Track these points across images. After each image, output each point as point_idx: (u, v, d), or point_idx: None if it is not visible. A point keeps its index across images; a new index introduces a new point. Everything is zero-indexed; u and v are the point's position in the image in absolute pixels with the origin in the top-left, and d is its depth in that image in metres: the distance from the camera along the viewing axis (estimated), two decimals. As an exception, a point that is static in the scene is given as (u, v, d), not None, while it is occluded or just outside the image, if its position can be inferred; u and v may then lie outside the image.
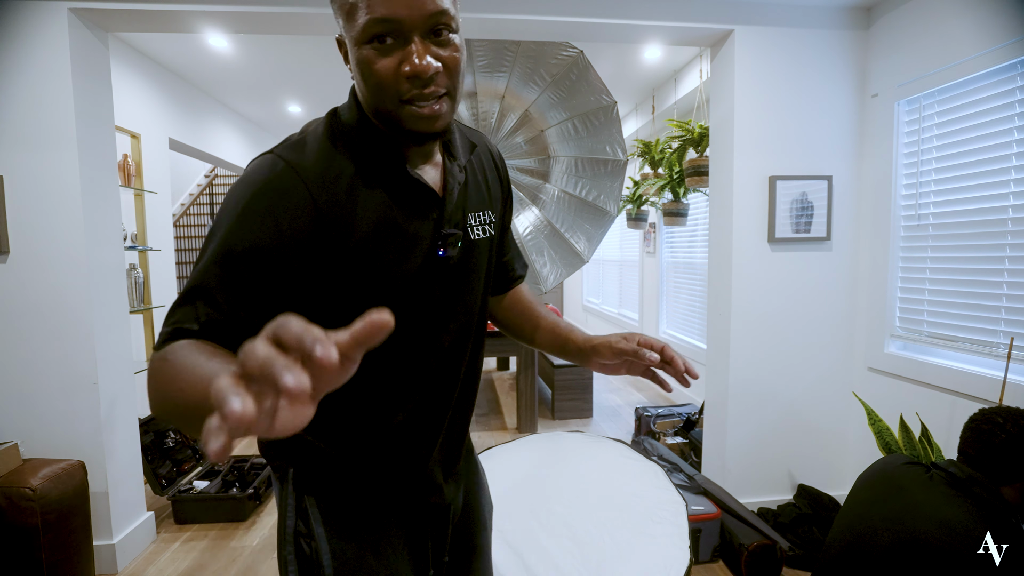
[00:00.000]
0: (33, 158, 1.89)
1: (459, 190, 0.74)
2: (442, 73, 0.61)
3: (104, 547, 2.05)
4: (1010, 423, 1.16)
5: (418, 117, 0.62)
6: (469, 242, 0.76)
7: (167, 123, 3.48)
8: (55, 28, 1.87)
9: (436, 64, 0.60)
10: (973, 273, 1.88)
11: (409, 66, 0.59)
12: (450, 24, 0.61)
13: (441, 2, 0.59)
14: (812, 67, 2.24)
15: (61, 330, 1.94)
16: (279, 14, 1.99)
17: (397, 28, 0.58)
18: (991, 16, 1.75)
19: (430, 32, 0.60)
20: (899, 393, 2.13)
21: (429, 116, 0.62)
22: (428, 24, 0.59)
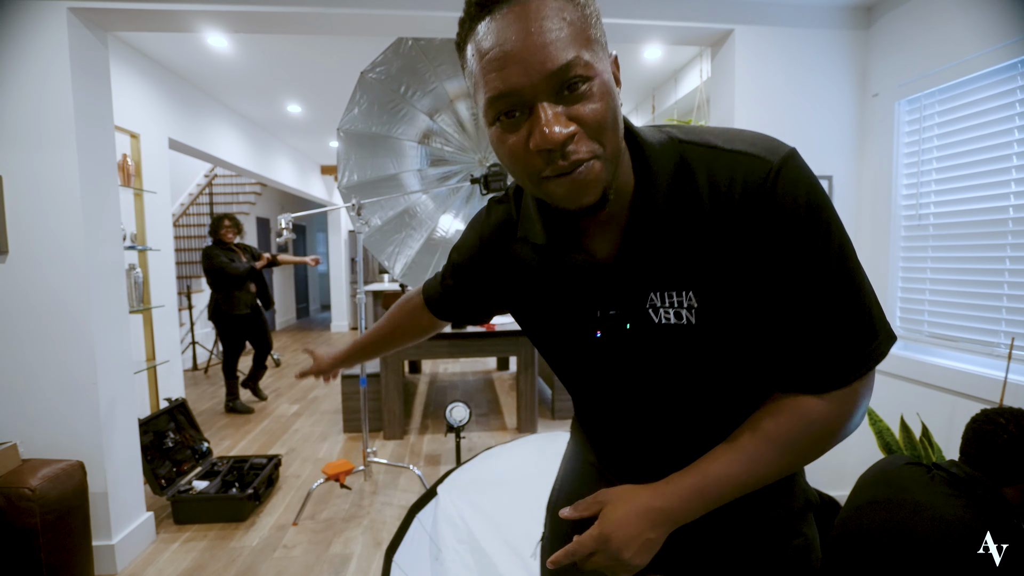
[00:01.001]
0: (32, 158, 1.89)
1: (640, 260, 0.61)
2: (581, 134, 0.51)
3: (103, 547, 2.04)
4: (1012, 424, 1.15)
5: (560, 193, 0.54)
6: (650, 327, 0.62)
7: (167, 123, 3.48)
8: (54, 27, 1.87)
9: (568, 129, 0.50)
10: (974, 273, 1.88)
11: (537, 137, 0.50)
12: (585, 73, 0.50)
13: (564, 52, 0.49)
14: (812, 67, 2.24)
15: (60, 330, 1.94)
16: (279, 14, 1.98)
17: (519, 100, 0.51)
18: (991, 16, 1.75)
19: (560, 91, 0.50)
20: (900, 393, 2.13)
21: (572, 190, 0.53)
22: (553, 85, 0.50)
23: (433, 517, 1.76)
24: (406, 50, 2.30)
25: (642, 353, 0.64)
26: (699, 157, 0.58)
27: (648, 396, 0.68)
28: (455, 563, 1.60)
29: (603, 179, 0.54)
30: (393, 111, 2.48)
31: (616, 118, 0.53)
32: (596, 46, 0.52)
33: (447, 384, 5.03)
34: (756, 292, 0.58)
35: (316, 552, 2.22)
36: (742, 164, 0.56)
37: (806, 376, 0.58)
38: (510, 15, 0.49)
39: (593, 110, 0.51)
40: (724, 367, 0.62)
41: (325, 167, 7.80)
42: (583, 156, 0.51)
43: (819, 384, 0.58)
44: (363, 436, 2.73)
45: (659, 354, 0.63)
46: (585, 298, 0.66)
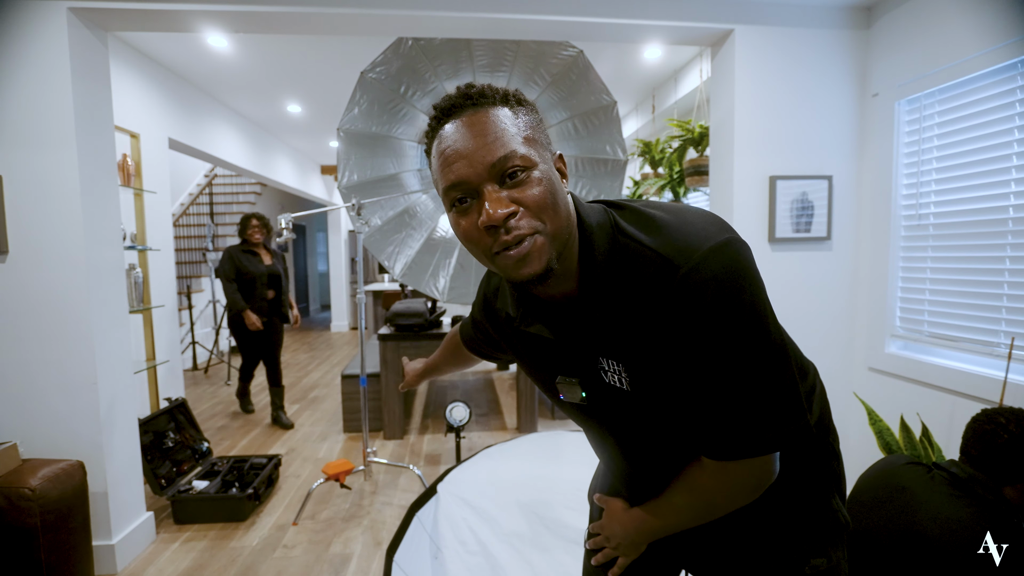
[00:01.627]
0: (32, 158, 1.89)
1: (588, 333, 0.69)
2: (523, 212, 0.60)
3: (103, 547, 2.04)
4: (1013, 424, 1.15)
5: (507, 265, 0.62)
6: (602, 386, 0.71)
7: (167, 123, 3.48)
8: (54, 27, 1.87)
9: (507, 209, 0.59)
10: (974, 273, 1.88)
11: (483, 217, 0.59)
12: (523, 164, 0.60)
13: (502, 148, 0.59)
14: (812, 67, 2.24)
15: (60, 330, 1.94)
16: (279, 14, 1.98)
17: (468, 188, 0.60)
18: (991, 16, 1.75)
19: (502, 179, 0.60)
20: (899, 393, 2.13)
21: (517, 260, 0.60)
22: (494, 174, 0.59)
23: (433, 517, 1.76)
24: (406, 50, 2.30)
25: (599, 407, 0.74)
26: (629, 251, 0.64)
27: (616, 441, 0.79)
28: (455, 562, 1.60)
29: (546, 253, 0.61)
30: (393, 111, 2.48)
31: (556, 202, 0.61)
32: (535, 145, 0.62)
33: (447, 384, 5.03)
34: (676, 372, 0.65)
35: (316, 552, 2.22)
36: (655, 265, 0.62)
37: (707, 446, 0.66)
38: (462, 122, 0.61)
39: (532, 194, 0.60)
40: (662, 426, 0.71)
41: (325, 167, 7.80)
42: (524, 231, 0.60)
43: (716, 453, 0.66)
44: (363, 436, 2.73)
45: (611, 409, 0.73)
46: (547, 365, 0.77)
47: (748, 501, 0.69)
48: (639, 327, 0.64)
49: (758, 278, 0.61)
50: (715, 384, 0.62)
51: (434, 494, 1.84)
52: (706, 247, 0.59)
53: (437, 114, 0.63)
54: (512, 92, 0.64)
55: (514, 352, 0.86)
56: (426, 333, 3.57)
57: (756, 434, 0.62)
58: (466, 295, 2.73)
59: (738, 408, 0.62)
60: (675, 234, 0.62)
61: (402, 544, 1.65)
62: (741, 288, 0.59)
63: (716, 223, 0.63)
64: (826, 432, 0.81)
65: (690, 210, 0.66)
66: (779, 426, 0.62)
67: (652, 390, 0.67)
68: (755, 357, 0.60)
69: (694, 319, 0.60)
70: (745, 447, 0.63)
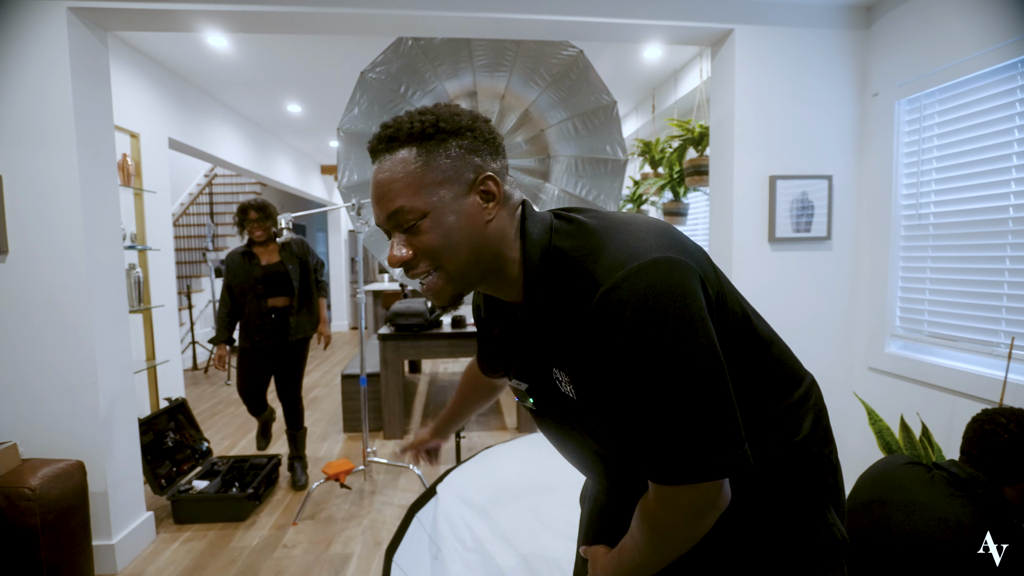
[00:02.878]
0: (32, 157, 1.89)
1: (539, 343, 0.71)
2: (420, 256, 0.66)
3: (103, 547, 2.04)
4: (1013, 423, 1.15)
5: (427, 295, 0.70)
6: (556, 394, 0.72)
7: (167, 123, 3.48)
8: (54, 27, 1.87)
9: (402, 254, 0.66)
10: (974, 273, 1.87)
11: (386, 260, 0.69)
12: (411, 216, 0.64)
13: (390, 203, 0.65)
14: (812, 66, 2.24)
15: (60, 330, 1.94)
16: (279, 14, 1.98)
17: (384, 229, 0.69)
18: (991, 15, 1.75)
19: (401, 227, 0.66)
20: (899, 393, 2.13)
21: (427, 293, 0.69)
22: (392, 224, 0.66)
23: (433, 517, 1.76)
24: (406, 50, 2.30)
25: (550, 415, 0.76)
26: (563, 266, 0.65)
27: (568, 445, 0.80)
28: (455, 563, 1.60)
29: (447, 290, 0.68)
30: (393, 111, 2.48)
31: (451, 244, 0.65)
32: (427, 191, 0.64)
33: (447, 384, 5.03)
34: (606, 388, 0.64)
35: (316, 552, 2.22)
36: (580, 282, 0.62)
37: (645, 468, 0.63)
38: (375, 169, 0.67)
39: (422, 241, 0.65)
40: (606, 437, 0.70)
41: (325, 167, 7.80)
42: (420, 273, 0.67)
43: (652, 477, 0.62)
44: (363, 436, 2.73)
45: (561, 418, 0.75)
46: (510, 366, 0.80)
47: (700, 532, 0.64)
48: (572, 341, 0.64)
49: (688, 298, 0.58)
50: (642, 407, 0.59)
51: (434, 494, 1.84)
52: (631, 265, 0.57)
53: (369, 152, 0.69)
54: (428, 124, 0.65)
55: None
56: (426, 333, 3.57)
57: (688, 460, 0.58)
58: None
59: (670, 432, 0.58)
60: (606, 251, 0.61)
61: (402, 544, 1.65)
62: (664, 308, 0.56)
63: (656, 240, 0.60)
64: (823, 444, 0.76)
65: (635, 223, 0.64)
66: (714, 453, 0.58)
67: (593, 402, 0.66)
68: (681, 380, 0.57)
69: (612, 339, 0.58)
70: (680, 472, 0.59)
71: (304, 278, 2.84)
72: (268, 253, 2.80)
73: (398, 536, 1.67)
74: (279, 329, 2.76)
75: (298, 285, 2.79)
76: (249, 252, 2.78)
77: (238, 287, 2.73)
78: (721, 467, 0.59)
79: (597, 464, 0.78)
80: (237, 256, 2.78)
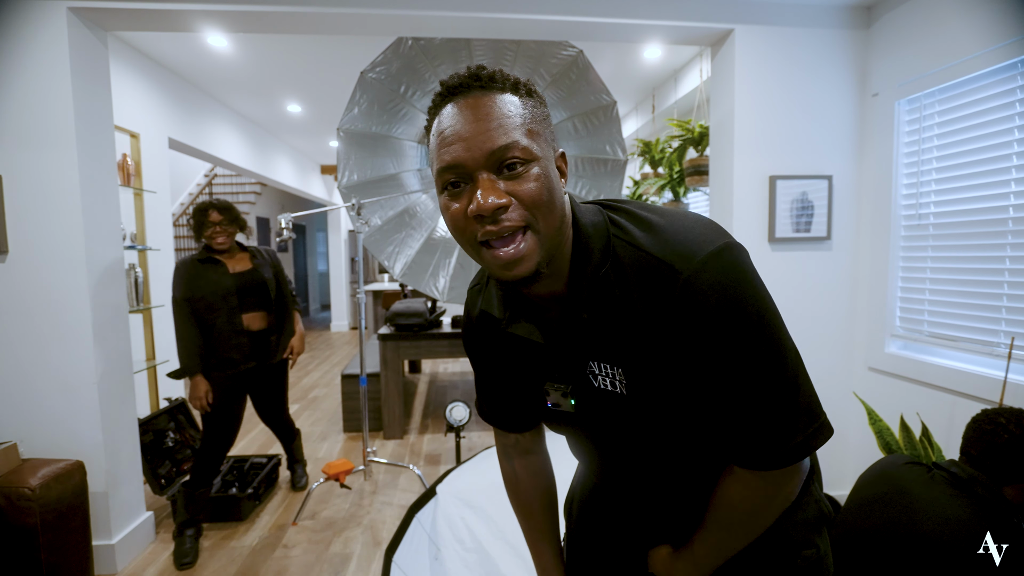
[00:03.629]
0: (32, 157, 1.89)
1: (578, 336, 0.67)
2: (515, 206, 0.57)
3: (103, 547, 2.04)
4: (1013, 424, 1.15)
5: (497, 264, 0.59)
6: (591, 390, 0.69)
7: (166, 122, 3.48)
8: (54, 27, 1.87)
9: (501, 200, 0.56)
10: (974, 273, 1.87)
11: (473, 205, 0.57)
12: (522, 156, 0.57)
13: (504, 136, 0.57)
14: (812, 66, 2.24)
15: (60, 330, 1.94)
16: (279, 14, 1.98)
17: (463, 172, 0.58)
18: (991, 15, 1.75)
19: (500, 168, 0.58)
20: (899, 393, 2.13)
21: (507, 261, 0.58)
22: (492, 162, 0.57)
23: (432, 517, 1.76)
24: (406, 50, 2.30)
25: (588, 414, 0.71)
26: (623, 251, 0.63)
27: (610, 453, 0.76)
28: (455, 563, 1.60)
29: (536, 253, 0.59)
30: (393, 111, 2.48)
31: (551, 200, 0.59)
32: (538, 139, 0.59)
33: (447, 384, 5.03)
34: (682, 378, 0.62)
35: (316, 552, 2.22)
36: (653, 270, 0.60)
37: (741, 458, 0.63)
38: (466, 103, 0.58)
39: (527, 188, 0.57)
40: (659, 431, 0.68)
41: (325, 167, 7.80)
42: (515, 223, 0.58)
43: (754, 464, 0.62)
44: (363, 436, 2.73)
45: (601, 415, 0.70)
46: (535, 370, 0.74)
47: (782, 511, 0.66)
48: (637, 330, 0.62)
49: (759, 280, 0.60)
50: (739, 392, 0.59)
51: (434, 495, 1.84)
52: (705, 252, 0.58)
53: (443, 91, 0.60)
54: (524, 81, 0.62)
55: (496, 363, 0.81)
56: (426, 333, 3.57)
57: (793, 439, 0.60)
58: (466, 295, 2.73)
59: (767, 416, 0.59)
60: (673, 238, 0.61)
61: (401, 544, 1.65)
62: (744, 292, 0.58)
63: (712, 227, 0.62)
64: None
65: (684, 214, 0.65)
66: (813, 425, 0.60)
67: (650, 394, 0.64)
68: (773, 359, 0.59)
69: (700, 326, 0.58)
70: (787, 454, 0.60)
71: (281, 289, 2.50)
72: (236, 261, 2.36)
73: (398, 536, 1.67)
74: (259, 349, 2.38)
75: (276, 297, 2.45)
76: (211, 259, 2.28)
77: (202, 301, 2.21)
78: (816, 438, 0.61)
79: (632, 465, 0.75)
80: (193, 265, 2.25)
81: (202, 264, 2.27)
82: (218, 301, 2.24)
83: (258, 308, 2.38)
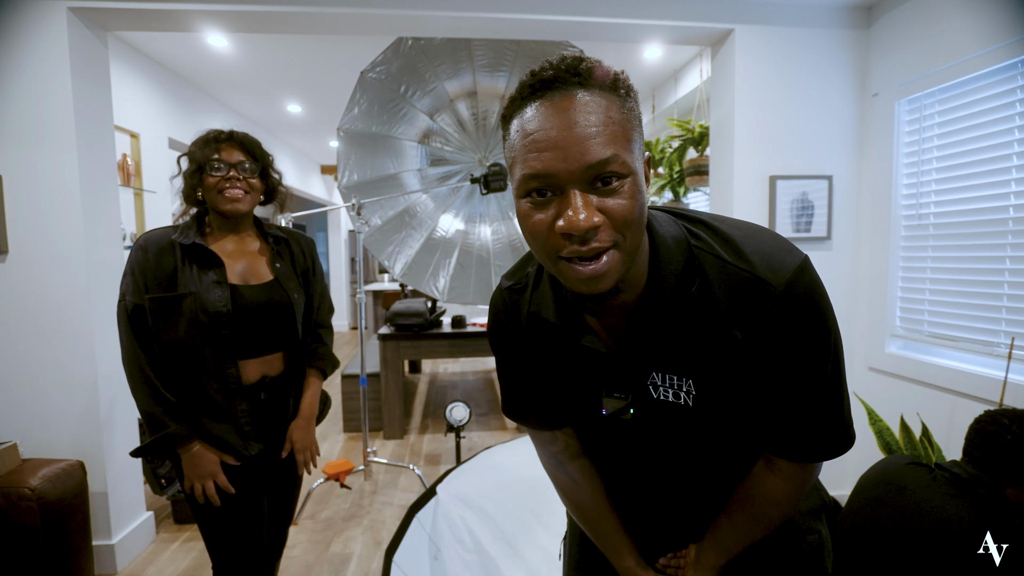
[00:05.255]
0: (32, 157, 1.89)
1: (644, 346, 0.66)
2: (606, 226, 0.54)
3: (103, 547, 2.04)
4: (1016, 424, 1.15)
5: (577, 278, 0.56)
6: (649, 402, 0.68)
7: (167, 122, 3.48)
8: (54, 27, 1.87)
9: (596, 219, 0.53)
10: (974, 273, 1.87)
11: (563, 221, 0.53)
12: (620, 171, 0.54)
13: (604, 149, 0.52)
14: (813, 66, 2.24)
15: (60, 329, 1.94)
16: (279, 14, 1.98)
17: (554, 183, 0.54)
18: (992, 15, 1.74)
19: (594, 182, 0.54)
20: (899, 393, 2.13)
21: (590, 277, 0.55)
22: (588, 176, 0.53)
23: (432, 517, 1.76)
24: (406, 50, 2.30)
25: (641, 426, 0.71)
26: (709, 265, 0.62)
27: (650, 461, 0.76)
28: (455, 563, 1.60)
29: (619, 270, 0.57)
30: (393, 111, 2.48)
31: (641, 217, 0.56)
32: (634, 147, 0.56)
33: (447, 384, 5.03)
34: (750, 389, 0.65)
35: (316, 552, 2.22)
36: (746, 284, 0.61)
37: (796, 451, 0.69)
38: (559, 104, 0.53)
39: (621, 206, 0.54)
40: (714, 442, 0.71)
41: (325, 167, 7.80)
42: (603, 245, 0.55)
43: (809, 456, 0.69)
44: (363, 436, 2.73)
45: (656, 428, 0.70)
46: (591, 378, 0.71)
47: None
48: (718, 342, 0.62)
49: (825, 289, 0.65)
50: (809, 393, 0.64)
51: (434, 495, 1.84)
52: (792, 266, 0.60)
53: (534, 83, 0.55)
54: (622, 76, 0.57)
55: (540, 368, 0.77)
56: (426, 333, 3.57)
57: (843, 433, 0.68)
58: (466, 295, 2.73)
59: (829, 413, 0.66)
60: (759, 252, 0.62)
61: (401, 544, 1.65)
62: (824, 303, 0.62)
63: (785, 241, 0.64)
64: None
65: (756, 228, 0.66)
66: (850, 423, 0.69)
67: (718, 404, 0.66)
68: (837, 365, 0.64)
69: (788, 334, 0.61)
70: (836, 445, 0.68)
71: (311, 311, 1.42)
72: (244, 256, 1.31)
73: (398, 536, 1.67)
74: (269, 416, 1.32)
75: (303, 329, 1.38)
76: (201, 248, 1.23)
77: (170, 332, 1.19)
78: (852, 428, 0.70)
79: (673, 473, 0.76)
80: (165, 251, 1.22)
81: (183, 252, 1.21)
82: (196, 339, 1.19)
83: (269, 348, 1.30)
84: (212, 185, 1.26)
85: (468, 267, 2.70)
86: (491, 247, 2.82)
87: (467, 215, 2.87)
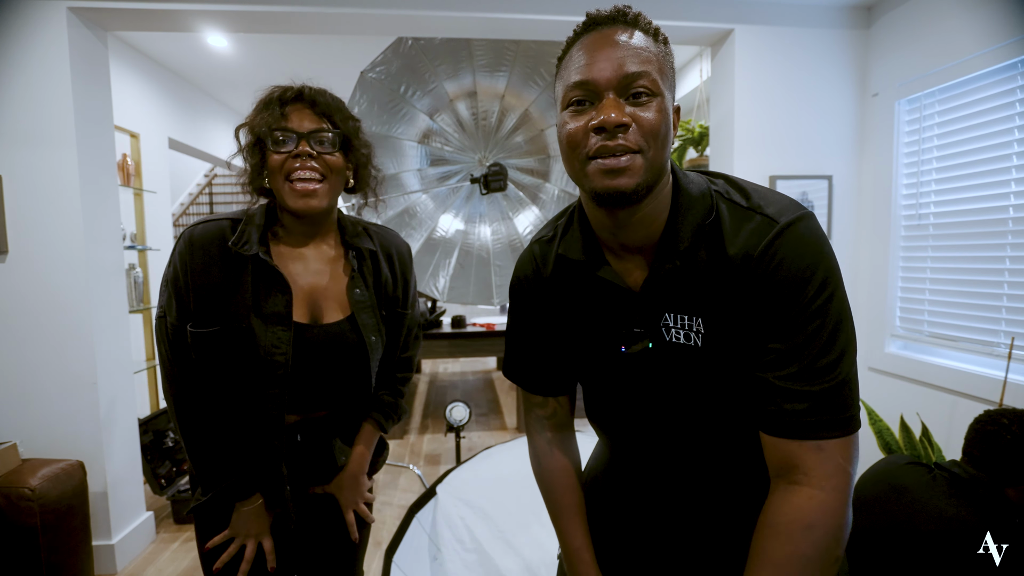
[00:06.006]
0: (32, 157, 1.89)
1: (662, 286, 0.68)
2: (634, 130, 0.61)
3: (103, 547, 2.04)
4: (1016, 424, 1.15)
5: (601, 171, 0.62)
6: (662, 344, 0.70)
7: (166, 123, 3.48)
8: (54, 27, 1.87)
9: (624, 118, 0.60)
10: (974, 273, 1.87)
11: (597, 118, 0.61)
12: (650, 88, 0.61)
13: (638, 65, 0.61)
14: (812, 66, 2.24)
15: (60, 330, 1.94)
16: (279, 14, 1.98)
17: (593, 90, 0.62)
18: (991, 15, 1.75)
19: (627, 93, 0.61)
20: (899, 393, 2.13)
21: (612, 169, 0.61)
22: (622, 84, 0.61)
23: (432, 517, 1.76)
24: (406, 50, 2.30)
25: (655, 368, 0.72)
26: (726, 211, 0.67)
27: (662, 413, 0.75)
28: (454, 563, 1.60)
29: (640, 174, 0.62)
30: (393, 111, 2.48)
31: (665, 136, 0.63)
32: (666, 81, 0.64)
33: (447, 384, 5.03)
34: (755, 330, 0.65)
35: (316, 552, 2.21)
36: (757, 223, 0.65)
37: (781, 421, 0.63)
38: (606, 32, 0.63)
39: (648, 117, 0.61)
40: (725, 386, 0.69)
41: (325, 167, 7.79)
42: (629, 144, 0.61)
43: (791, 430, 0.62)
44: (363, 436, 2.72)
45: (669, 370, 0.71)
46: (613, 316, 0.73)
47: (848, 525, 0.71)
48: (725, 283, 0.65)
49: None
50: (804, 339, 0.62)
51: (434, 495, 1.84)
52: (799, 212, 0.64)
53: (588, 21, 0.65)
54: (661, 31, 0.67)
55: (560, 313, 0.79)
56: (426, 333, 3.57)
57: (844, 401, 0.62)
58: (466, 295, 2.73)
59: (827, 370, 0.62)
60: (770, 199, 0.67)
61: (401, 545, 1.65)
62: (824, 248, 0.64)
63: (798, 202, 0.67)
64: None
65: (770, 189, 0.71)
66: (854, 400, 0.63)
67: (725, 344, 0.67)
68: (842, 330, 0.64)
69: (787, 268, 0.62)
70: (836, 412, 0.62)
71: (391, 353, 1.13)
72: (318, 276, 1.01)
73: (398, 536, 1.67)
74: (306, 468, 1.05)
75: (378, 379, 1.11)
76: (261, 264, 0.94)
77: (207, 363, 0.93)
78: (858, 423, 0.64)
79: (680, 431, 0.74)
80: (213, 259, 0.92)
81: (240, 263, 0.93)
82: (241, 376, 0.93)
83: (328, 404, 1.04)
84: (277, 166, 0.92)
85: (468, 267, 2.70)
86: (491, 247, 2.82)
87: (467, 215, 2.87)
